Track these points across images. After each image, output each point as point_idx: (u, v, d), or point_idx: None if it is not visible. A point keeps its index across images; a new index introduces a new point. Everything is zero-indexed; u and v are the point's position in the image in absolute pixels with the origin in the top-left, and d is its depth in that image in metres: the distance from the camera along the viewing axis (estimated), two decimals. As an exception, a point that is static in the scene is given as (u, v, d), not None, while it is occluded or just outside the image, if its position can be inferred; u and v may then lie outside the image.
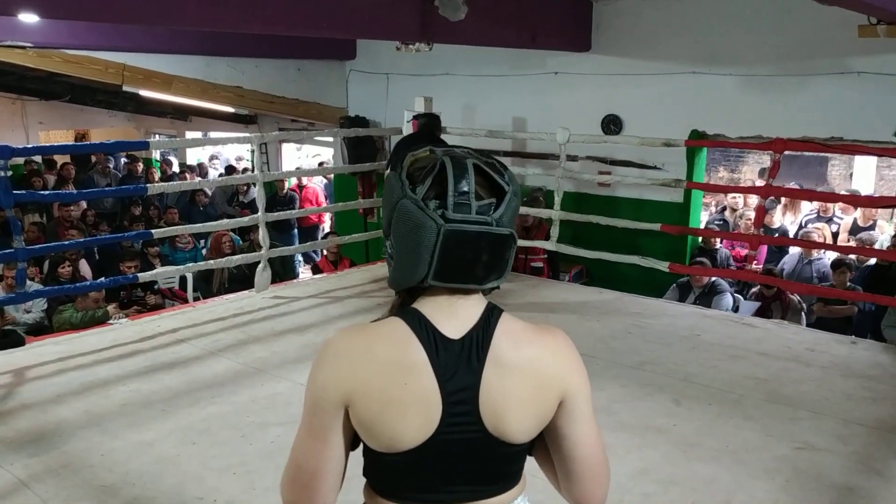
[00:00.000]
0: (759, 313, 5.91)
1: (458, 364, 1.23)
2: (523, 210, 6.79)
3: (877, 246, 6.49)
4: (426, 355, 1.22)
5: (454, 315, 1.26)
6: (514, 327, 1.29)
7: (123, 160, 11.91)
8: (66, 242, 5.66)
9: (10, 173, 4.50)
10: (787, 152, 5.35)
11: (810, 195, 7.37)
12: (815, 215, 7.79)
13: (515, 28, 6.37)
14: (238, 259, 6.14)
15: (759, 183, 8.57)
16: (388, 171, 1.28)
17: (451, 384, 1.22)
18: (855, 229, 7.24)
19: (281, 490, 1.33)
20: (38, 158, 10.86)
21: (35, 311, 5.99)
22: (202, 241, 8.72)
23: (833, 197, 7.01)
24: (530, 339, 1.29)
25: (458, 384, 1.22)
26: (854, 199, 5.96)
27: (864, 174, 9.22)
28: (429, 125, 5.70)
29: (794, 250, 6.67)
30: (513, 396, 1.24)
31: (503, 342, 1.25)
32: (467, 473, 1.29)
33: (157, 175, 11.18)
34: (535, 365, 1.27)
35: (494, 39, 6.55)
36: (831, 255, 6.67)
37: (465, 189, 1.20)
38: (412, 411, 1.21)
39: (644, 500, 3.06)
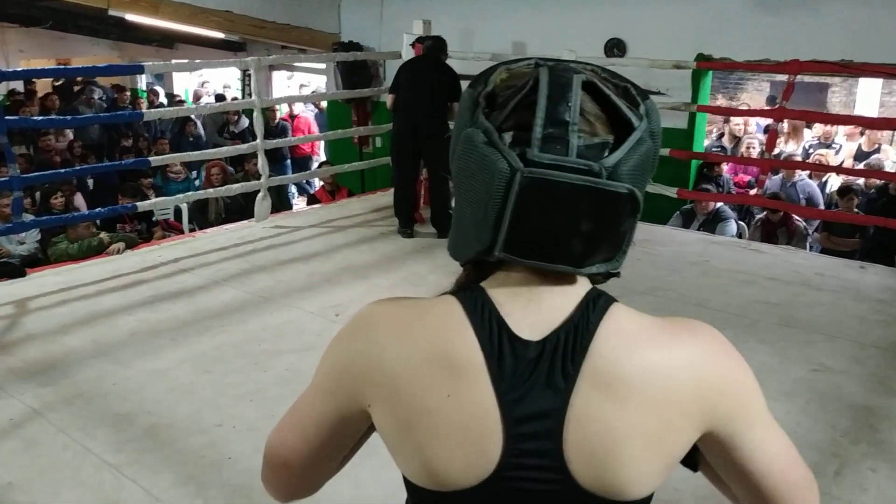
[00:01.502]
0: (765, 239, 5.88)
1: (534, 378, 0.82)
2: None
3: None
4: (482, 357, 0.82)
5: (535, 304, 0.84)
6: (629, 324, 0.85)
7: (101, 91, 11.55)
8: (63, 171, 5.49)
9: (1, 97, 4.32)
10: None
11: (825, 118, 7.26)
12: (817, 142, 7.73)
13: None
14: (237, 188, 6.02)
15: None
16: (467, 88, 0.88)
17: (521, 406, 0.81)
18: (860, 155, 7.19)
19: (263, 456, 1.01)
20: (21, 90, 10.54)
21: (29, 243, 5.86)
22: (194, 172, 8.56)
23: (848, 119, 6.91)
24: (654, 341, 0.84)
25: (532, 407, 0.81)
26: (869, 122, 5.87)
27: (868, 101, 9.11)
28: (433, 48, 5.51)
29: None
30: (619, 430, 0.81)
31: (609, 348, 0.82)
32: None
33: (145, 105, 10.89)
34: (660, 381, 0.82)
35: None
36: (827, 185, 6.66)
37: (564, 118, 0.78)
38: (456, 435, 0.82)
39: (665, 422, 3.05)
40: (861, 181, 6.21)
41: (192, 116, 9.67)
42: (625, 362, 0.81)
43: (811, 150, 7.51)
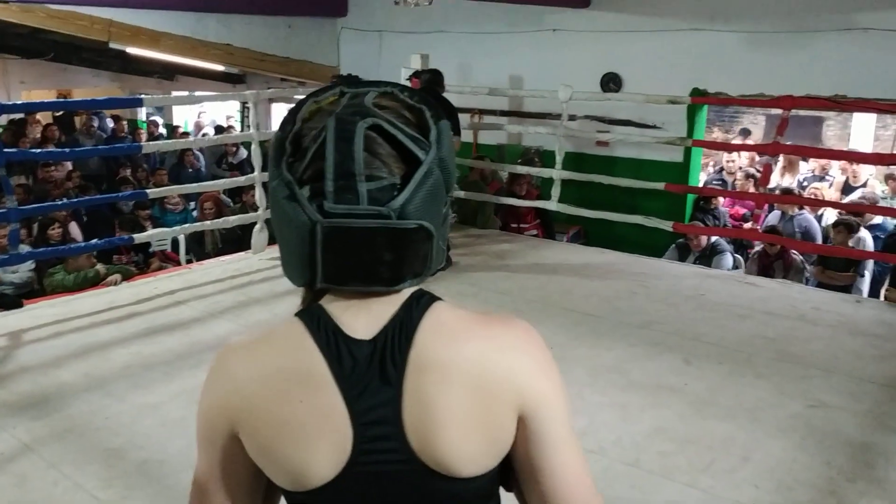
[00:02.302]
0: (761, 272, 5.89)
1: (370, 372, 0.91)
2: (522, 169, 6.71)
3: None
4: (325, 363, 0.91)
5: (364, 310, 0.93)
6: (448, 317, 0.94)
7: (109, 121, 11.67)
8: (59, 203, 5.51)
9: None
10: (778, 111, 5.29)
11: (818, 152, 7.31)
12: (812, 175, 7.79)
13: (516, -18, 6.21)
14: (235, 220, 6.03)
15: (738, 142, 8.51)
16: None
17: (364, 399, 0.91)
18: (847, 188, 7.24)
19: None
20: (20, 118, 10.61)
21: (22, 271, 5.79)
22: (192, 203, 8.57)
23: (841, 154, 6.96)
24: (470, 331, 0.94)
25: (372, 399, 0.91)
26: (861, 157, 5.91)
27: (862, 134, 9.17)
28: (431, 82, 5.56)
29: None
30: (444, 410, 0.90)
31: (430, 338, 0.92)
32: None
33: (145, 136, 10.95)
34: (476, 365, 0.91)
35: (495, -7, 6.39)
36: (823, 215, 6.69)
37: (351, 169, 0.86)
38: (314, 436, 0.91)
39: (661, 458, 3.03)
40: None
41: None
42: (441, 350, 0.91)
43: (806, 184, 7.56)
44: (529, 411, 0.94)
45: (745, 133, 10.73)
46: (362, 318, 0.93)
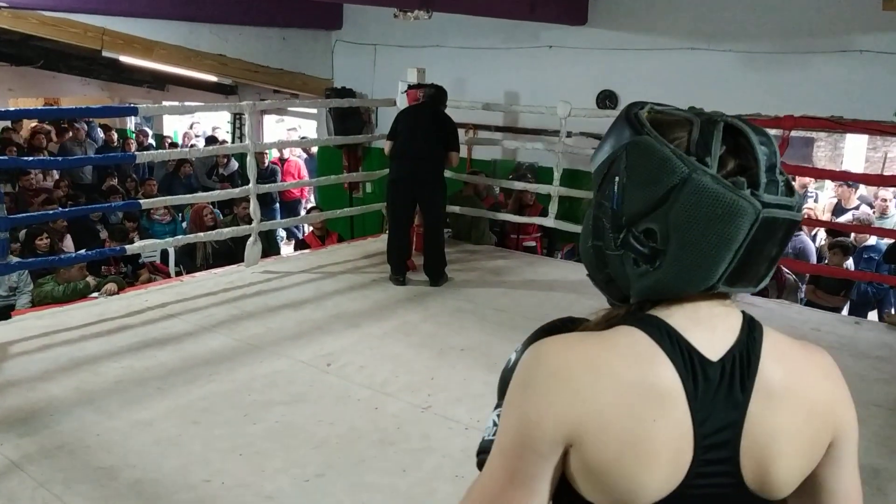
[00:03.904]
0: (756, 292, 5.86)
1: (717, 395, 0.91)
2: (520, 185, 6.69)
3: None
4: (680, 383, 0.90)
5: (710, 327, 0.93)
6: (781, 344, 0.97)
7: (99, 130, 11.56)
8: (52, 212, 5.39)
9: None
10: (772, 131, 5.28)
11: (821, 173, 7.33)
12: (797, 194, 7.83)
13: (515, -2, 6.20)
14: (229, 232, 5.94)
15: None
16: (635, 136, 0.94)
17: (709, 423, 0.91)
18: (838, 210, 7.26)
19: None
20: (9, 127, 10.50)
21: (24, 291, 5.52)
22: (181, 214, 8.47)
23: (842, 175, 6.98)
24: (804, 360, 0.97)
25: (717, 423, 0.91)
26: (865, 178, 5.91)
27: (854, 156, 9.22)
28: (435, 98, 5.52)
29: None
30: (784, 436, 0.92)
31: (773, 365, 0.93)
32: None
33: (134, 146, 10.85)
34: (809, 393, 0.95)
35: (494, 9, 6.38)
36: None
37: (775, 163, 0.90)
38: (660, 457, 0.89)
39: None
40: (852, 236, 6.22)
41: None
42: (784, 376, 0.94)
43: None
44: (839, 438, 0.98)
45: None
46: (708, 337, 0.93)
